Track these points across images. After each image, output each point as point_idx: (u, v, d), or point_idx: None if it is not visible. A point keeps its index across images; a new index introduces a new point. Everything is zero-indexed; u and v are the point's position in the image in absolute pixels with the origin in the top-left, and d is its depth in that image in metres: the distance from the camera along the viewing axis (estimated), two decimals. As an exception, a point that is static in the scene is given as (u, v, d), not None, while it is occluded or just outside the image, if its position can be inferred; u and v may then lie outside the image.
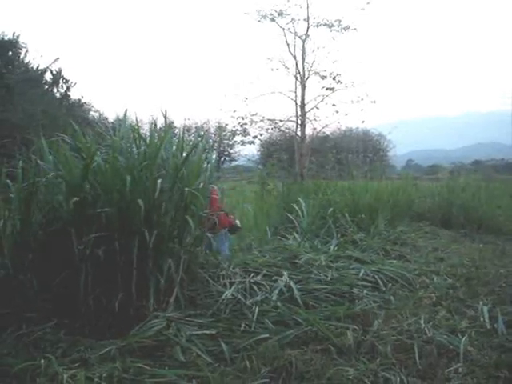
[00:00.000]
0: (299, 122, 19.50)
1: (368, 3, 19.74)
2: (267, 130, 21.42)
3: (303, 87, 19.85)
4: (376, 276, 5.61)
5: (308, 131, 19.77)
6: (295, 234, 7.49)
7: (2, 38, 16.45)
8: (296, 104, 19.73)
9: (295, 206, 8.44)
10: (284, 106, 28.15)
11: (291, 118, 19.78)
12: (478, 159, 34.94)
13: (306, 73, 19.90)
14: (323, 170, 15.92)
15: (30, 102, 14.43)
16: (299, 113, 19.71)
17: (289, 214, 8.34)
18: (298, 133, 19.41)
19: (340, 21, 20.71)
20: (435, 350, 3.79)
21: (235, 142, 25.25)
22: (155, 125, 5.46)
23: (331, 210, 8.59)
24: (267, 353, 3.69)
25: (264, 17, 20.75)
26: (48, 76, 18.70)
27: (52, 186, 4.74)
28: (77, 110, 19.49)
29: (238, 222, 6.82)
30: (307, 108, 19.71)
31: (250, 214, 8.79)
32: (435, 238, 9.15)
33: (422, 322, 4.26)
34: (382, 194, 10.16)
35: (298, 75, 19.94)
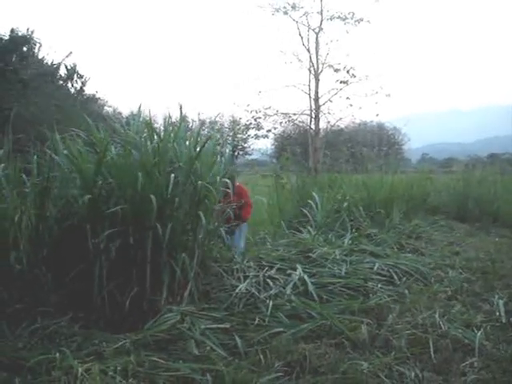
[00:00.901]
0: (313, 115, 19.47)
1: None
2: (281, 123, 21.44)
3: (317, 80, 19.83)
4: (390, 270, 5.59)
5: (322, 125, 19.78)
6: (309, 227, 7.47)
7: (16, 34, 16.54)
8: (310, 97, 19.73)
9: (309, 199, 8.41)
10: (298, 99, 28.14)
11: (305, 112, 19.73)
12: (493, 153, 34.58)
13: (320, 66, 19.88)
14: (337, 164, 15.84)
15: (44, 96, 14.49)
16: (313, 106, 19.67)
17: (303, 208, 8.31)
18: (312, 126, 19.39)
19: (353, 13, 20.65)
20: (450, 344, 3.77)
21: (249, 135, 25.22)
22: (169, 119, 5.43)
23: (346, 204, 8.56)
24: (281, 347, 3.69)
25: (277, 10, 20.74)
26: (62, 71, 18.77)
27: (66, 181, 4.76)
28: (91, 105, 19.54)
29: None
30: (321, 101, 19.67)
31: (264, 208, 8.77)
32: (450, 232, 9.11)
33: (436, 316, 4.24)
34: (397, 187, 10.10)
35: (311, 68, 19.91)
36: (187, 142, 5.24)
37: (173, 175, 4.51)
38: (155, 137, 4.98)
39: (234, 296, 4.52)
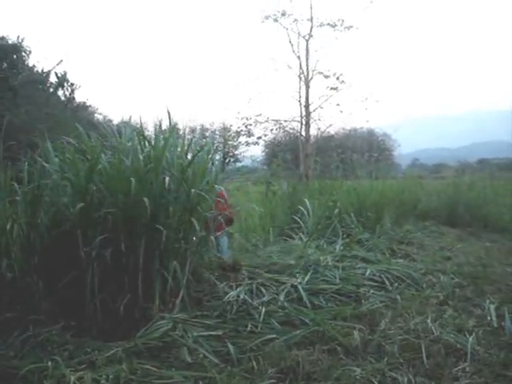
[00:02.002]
0: (303, 122, 19.51)
1: (371, 2, 19.79)
2: (272, 130, 21.48)
3: (307, 87, 19.90)
4: (382, 275, 5.60)
5: (312, 131, 19.82)
6: (301, 234, 7.48)
7: (6, 42, 16.51)
8: (300, 104, 19.78)
9: (300, 206, 8.43)
10: (288, 106, 28.22)
11: (296, 119, 19.79)
12: (483, 158, 34.78)
13: (310, 73, 19.94)
14: (328, 170, 15.87)
15: (35, 104, 14.47)
16: (303, 113, 19.72)
17: (294, 215, 8.33)
18: (303, 133, 19.42)
19: (343, 20, 20.75)
20: (442, 349, 3.78)
21: (240, 142, 25.27)
22: (160, 126, 5.44)
23: (337, 210, 8.58)
24: (274, 353, 3.69)
25: (267, 17, 20.82)
26: (53, 79, 18.74)
27: (58, 189, 4.75)
28: (82, 112, 19.53)
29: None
30: (311, 108, 19.73)
31: (256, 215, 8.78)
32: (441, 237, 9.14)
33: (428, 321, 4.25)
34: (388, 193, 10.14)
35: (301, 75, 19.97)
36: (178, 149, 5.25)
37: (167, 179, 4.51)
38: (147, 144, 4.99)
39: (227, 303, 4.51)
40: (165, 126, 5.53)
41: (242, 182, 14.50)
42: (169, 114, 5.34)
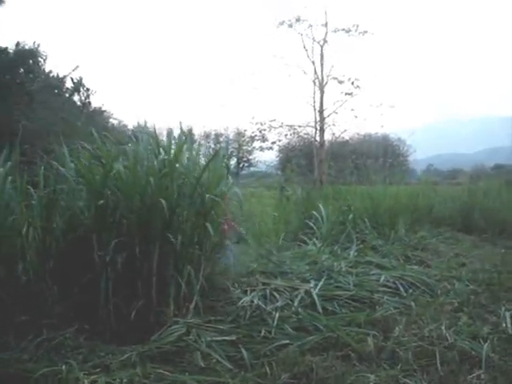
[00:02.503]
0: (318, 127, 19.47)
1: (389, 12, 19.86)
2: (286, 135, 21.46)
3: (322, 92, 19.86)
4: (397, 282, 5.56)
5: (327, 136, 19.77)
6: (315, 239, 7.47)
7: (23, 47, 16.66)
8: (315, 109, 19.73)
9: (314, 211, 8.42)
10: (303, 111, 28.16)
11: (310, 124, 19.76)
12: (499, 163, 34.44)
13: (325, 78, 19.91)
14: (342, 176, 15.83)
15: (51, 109, 14.55)
16: (318, 118, 19.69)
17: (308, 220, 8.33)
18: (317, 138, 19.37)
19: (358, 26, 20.75)
20: (457, 356, 3.74)
21: (254, 148, 25.25)
22: (174, 132, 5.48)
23: (351, 215, 8.56)
24: (287, 359, 3.68)
25: (282, 23, 20.88)
26: (69, 84, 18.85)
27: (73, 193, 4.80)
28: (97, 117, 19.61)
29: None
30: (326, 113, 19.70)
31: (269, 220, 8.78)
32: (456, 243, 9.05)
33: (443, 328, 4.21)
34: (402, 198, 10.09)
35: (316, 80, 19.95)
36: (193, 154, 5.30)
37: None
38: (161, 150, 5.04)
39: (240, 308, 4.52)
40: (179, 131, 5.57)
41: (256, 187, 14.51)
42: (185, 119, 5.41)
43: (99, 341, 4.01)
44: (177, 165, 4.86)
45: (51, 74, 18.36)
